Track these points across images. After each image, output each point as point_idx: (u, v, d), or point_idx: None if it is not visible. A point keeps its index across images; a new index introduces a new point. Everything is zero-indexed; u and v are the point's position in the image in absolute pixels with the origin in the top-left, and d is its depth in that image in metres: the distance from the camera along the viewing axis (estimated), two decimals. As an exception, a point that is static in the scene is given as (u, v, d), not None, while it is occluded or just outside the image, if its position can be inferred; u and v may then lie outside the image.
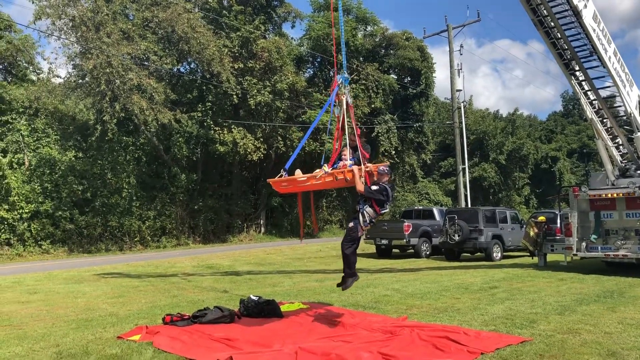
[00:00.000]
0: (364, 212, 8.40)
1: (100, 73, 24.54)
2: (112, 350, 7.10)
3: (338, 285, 8.83)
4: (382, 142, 38.45)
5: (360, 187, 8.36)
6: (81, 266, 19.02)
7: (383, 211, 8.50)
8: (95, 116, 27.39)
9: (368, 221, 8.41)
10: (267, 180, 9.06)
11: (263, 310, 9.25)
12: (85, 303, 11.14)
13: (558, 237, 17.95)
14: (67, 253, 25.19)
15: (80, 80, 27.04)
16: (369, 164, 8.79)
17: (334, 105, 9.33)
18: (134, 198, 28.72)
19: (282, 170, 8.81)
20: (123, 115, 26.20)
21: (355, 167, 8.55)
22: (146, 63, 27.42)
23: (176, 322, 8.56)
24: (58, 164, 26.92)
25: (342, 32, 10.19)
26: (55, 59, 38.96)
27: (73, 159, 27.76)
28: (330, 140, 9.90)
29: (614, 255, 14.96)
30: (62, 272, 17.25)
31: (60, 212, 25.57)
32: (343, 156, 9.07)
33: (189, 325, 8.43)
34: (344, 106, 9.19)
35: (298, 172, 8.83)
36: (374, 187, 8.40)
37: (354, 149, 9.06)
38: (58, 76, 28.96)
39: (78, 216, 26.11)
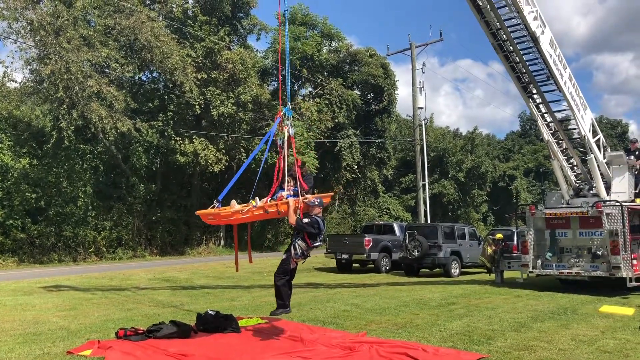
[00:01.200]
0: (296, 244, 8.46)
1: (59, 79, 23.89)
2: (60, 366, 6.82)
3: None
4: (344, 157, 38.64)
5: (291, 219, 8.46)
6: (31, 277, 18.35)
7: (315, 244, 8.49)
8: (51, 123, 26.62)
9: (300, 254, 8.46)
10: (196, 212, 9.06)
11: (220, 325, 9.07)
12: (34, 316, 10.72)
13: (515, 255, 18.29)
14: (17, 263, 24.27)
15: (37, 86, 26.28)
16: (307, 195, 8.85)
17: (277, 135, 9.50)
18: (90, 207, 27.96)
19: (214, 202, 8.70)
20: (81, 122, 25.53)
21: (291, 199, 8.63)
22: (107, 70, 26.89)
23: (130, 336, 8.30)
24: (11, 170, 25.99)
25: (287, 67, 10.38)
26: (12, 62, 37.65)
27: (27, 166, 26.86)
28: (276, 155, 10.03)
29: (567, 272, 15.31)
30: (10, 283, 16.60)
31: (11, 221, 24.65)
32: (284, 186, 9.13)
33: (143, 340, 8.18)
34: (286, 137, 9.30)
35: (233, 203, 8.74)
36: (306, 220, 8.43)
37: (295, 179, 9.11)
38: (14, 80, 28.07)
39: (30, 225, 25.24)
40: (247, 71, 31.78)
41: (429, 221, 32.93)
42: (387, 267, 22.52)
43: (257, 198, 8.83)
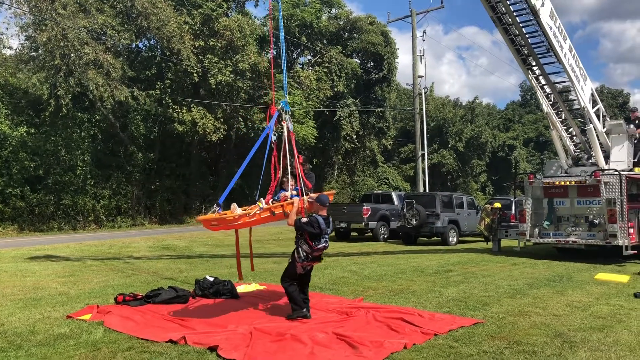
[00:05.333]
0: (299, 248, 7.71)
1: (55, 46, 23.64)
2: (60, 329, 6.90)
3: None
4: (344, 127, 38.49)
5: (290, 220, 7.86)
6: (31, 245, 18.48)
7: (319, 245, 7.63)
8: (49, 91, 26.45)
9: (304, 257, 7.66)
10: (197, 218, 8.15)
11: (219, 291, 9.17)
12: (34, 282, 10.82)
13: (512, 223, 18.37)
14: (17, 231, 24.41)
15: (33, 53, 26.03)
16: (312, 195, 8.30)
17: (273, 132, 8.65)
18: (89, 176, 27.98)
19: (214, 206, 7.95)
20: (78, 90, 25.36)
21: (296, 199, 8.12)
22: (103, 38, 26.57)
23: (129, 301, 8.40)
24: (8, 139, 25.91)
25: (283, 55, 9.93)
26: (7, 29, 37.42)
27: (25, 134, 26.79)
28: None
29: (564, 241, 15.41)
30: (10, 250, 16.71)
31: (10, 189, 24.70)
32: (284, 186, 8.62)
33: (142, 305, 8.28)
34: (285, 133, 8.65)
35: (234, 206, 7.90)
36: (304, 220, 7.71)
37: (296, 178, 8.55)
38: (9, 47, 27.80)
39: (29, 193, 25.29)
40: (245, 39, 31.40)
41: (427, 191, 32.99)
42: (385, 236, 22.63)
43: (262, 199, 8.21)
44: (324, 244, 7.69)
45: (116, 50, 28.41)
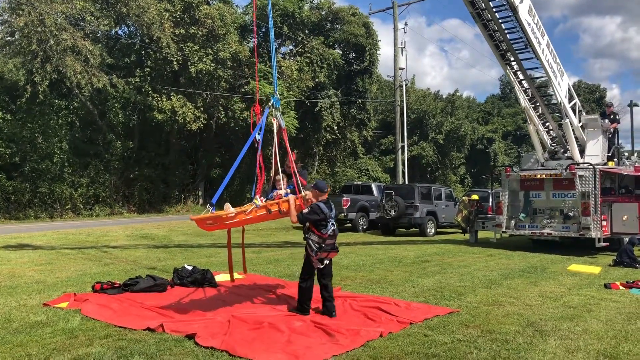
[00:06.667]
0: (309, 241, 7.51)
1: (32, 31, 23.25)
2: (36, 317, 6.88)
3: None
4: (324, 117, 38.44)
5: (293, 218, 7.70)
6: (7, 233, 18.23)
7: (328, 232, 7.43)
8: (25, 77, 26.00)
9: (317, 249, 7.41)
10: (191, 218, 7.74)
11: (197, 280, 9.20)
12: (10, 270, 10.72)
13: (489, 215, 18.65)
14: (-8, 219, 24.07)
15: (9, 38, 25.55)
16: (307, 192, 8.07)
17: (258, 131, 8.32)
18: (66, 164, 27.61)
19: (208, 205, 7.65)
20: (56, 77, 24.97)
21: (291, 197, 7.91)
22: (82, 24, 26.16)
23: (106, 290, 8.39)
24: (-17, 125, 25.50)
25: (273, 53, 9.85)
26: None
27: (0, 120, 26.32)
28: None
29: (539, 233, 15.71)
30: (-15, 238, 16.48)
31: (-16, 177, 24.33)
32: (277, 185, 8.40)
33: (120, 294, 8.28)
34: (276, 129, 8.44)
35: (227, 206, 7.70)
36: (305, 210, 7.56)
37: (289, 176, 8.33)
38: (-15, 32, 27.19)
39: (5, 181, 24.92)
40: (226, 27, 31.17)
41: (406, 182, 33.23)
42: (365, 227, 22.80)
43: (257, 196, 7.96)
44: (332, 228, 7.48)
45: (95, 37, 28.02)
